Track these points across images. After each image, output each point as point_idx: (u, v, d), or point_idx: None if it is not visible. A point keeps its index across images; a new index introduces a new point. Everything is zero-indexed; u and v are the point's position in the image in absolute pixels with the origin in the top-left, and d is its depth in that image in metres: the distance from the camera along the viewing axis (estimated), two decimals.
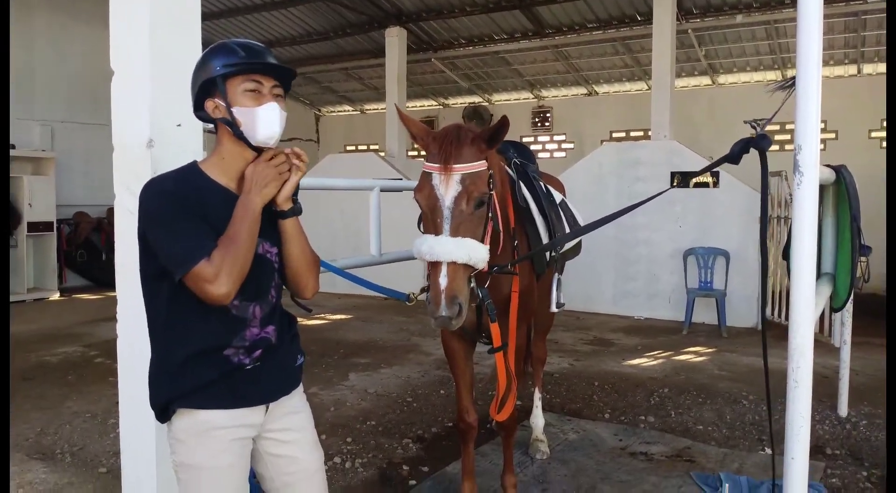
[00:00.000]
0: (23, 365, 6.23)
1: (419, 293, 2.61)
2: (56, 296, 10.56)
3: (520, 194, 3.13)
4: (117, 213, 2.54)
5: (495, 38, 12.33)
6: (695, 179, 8.51)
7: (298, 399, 1.99)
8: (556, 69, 13.24)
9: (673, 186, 3.01)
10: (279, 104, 1.81)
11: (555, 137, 14.51)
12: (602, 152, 9.51)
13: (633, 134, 13.21)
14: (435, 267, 2.30)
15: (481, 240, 2.38)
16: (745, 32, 10.94)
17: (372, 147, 15.74)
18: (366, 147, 16.33)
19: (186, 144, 2.47)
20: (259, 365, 1.83)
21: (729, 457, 4.08)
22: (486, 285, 2.63)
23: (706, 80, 12.75)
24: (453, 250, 2.28)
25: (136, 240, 1.79)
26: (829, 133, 11.51)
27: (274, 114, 1.79)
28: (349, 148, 16.84)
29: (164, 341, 1.81)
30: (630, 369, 6.28)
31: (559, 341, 7.39)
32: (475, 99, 14.97)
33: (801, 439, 1.73)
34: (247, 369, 1.81)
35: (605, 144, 11.23)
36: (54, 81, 11.45)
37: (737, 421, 4.76)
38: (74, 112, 11.59)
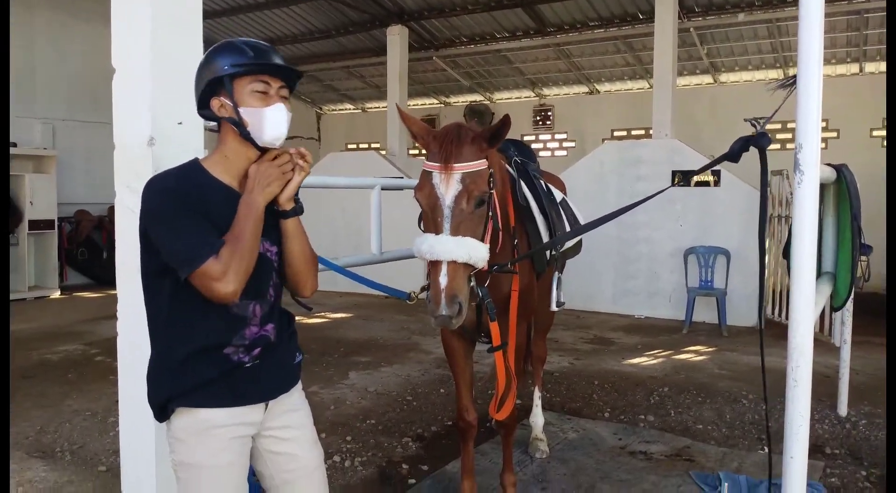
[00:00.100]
0: (23, 363, 6.24)
1: (420, 292, 2.61)
2: (57, 294, 10.57)
3: (520, 193, 3.13)
4: (118, 211, 2.55)
5: (497, 36, 12.33)
6: (696, 178, 8.50)
7: (297, 397, 1.99)
8: (558, 67, 13.24)
9: (673, 185, 3.01)
10: (285, 105, 1.82)
11: (556, 136, 14.51)
12: (603, 151, 9.51)
13: (634, 132, 13.21)
14: (435, 266, 2.30)
15: (481, 239, 2.38)
16: (746, 31, 10.93)
17: (373, 145, 15.75)
18: (367, 146, 16.33)
19: (187, 143, 2.47)
20: (258, 363, 1.84)
21: (728, 456, 4.08)
22: (486, 283, 2.63)
23: (708, 78, 12.74)
24: (453, 249, 2.28)
25: (136, 238, 1.79)
26: (830, 132, 11.50)
27: (282, 115, 1.80)
28: (350, 146, 16.84)
29: (164, 339, 1.80)
30: (630, 367, 6.28)
31: (559, 339, 7.39)
32: (476, 97, 14.97)
33: (800, 438, 1.73)
34: (246, 367, 1.82)
35: (606, 142, 11.22)
36: (55, 80, 11.44)
37: (736, 420, 4.77)
38: (75, 110, 11.59)
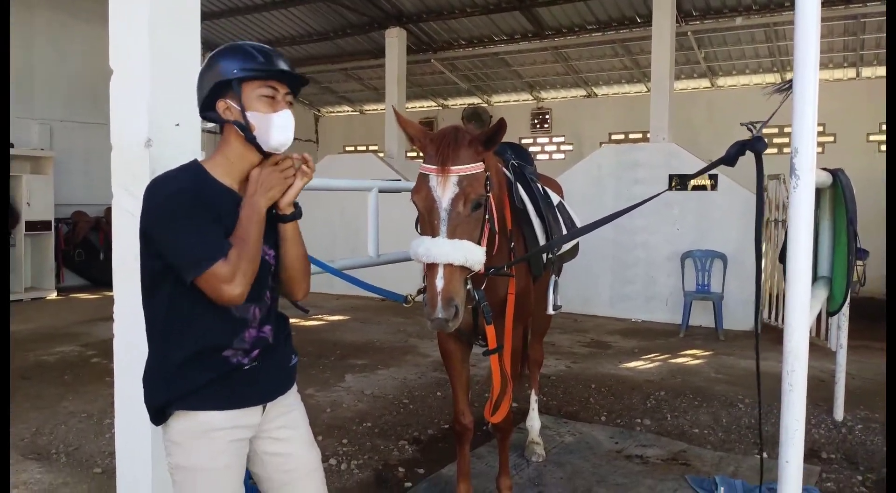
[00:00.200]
0: (20, 364, 6.22)
1: (416, 295, 2.61)
2: (53, 295, 10.55)
3: (517, 196, 3.13)
4: (115, 212, 2.54)
5: (495, 39, 12.35)
6: (693, 182, 8.52)
7: (293, 398, 2.00)
8: (556, 71, 13.26)
9: (670, 188, 3.01)
10: (292, 112, 1.83)
11: (554, 139, 14.54)
12: (601, 154, 9.53)
13: (631, 136, 13.24)
14: (431, 269, 2.30)
15: (478, 242, 2.39)
16: (744, 35, 10.97)
17: (371, 148, 15.76)
18: (365, 148, 16.34)
19: (185, 144, 2.47)
20: (257, 365, 1.84)
21: (724, 460, 4.08)
22: (482, 286, 2.63)
23: (705, 82, 12.77)
24: (450, 252, 2.28)
25: (133, 239, 1.78)
26: (827, 136, 11.53)
27: (289, 121, 1.80)
28: (348, 148, 16.85)
29: (162, 341, 1.79)
30: (627, 371, 6.28)
31: (556, 343, 7.39)
32: (474, 100, 14.99)
33: (795, 442, 1.73)
34: (245, 369, 1.81)
35: (603, 146, 11.25)
36: (54, 80, 11.44)
37: (733, 425, 4.77)
38: (74, 111, 11.58)
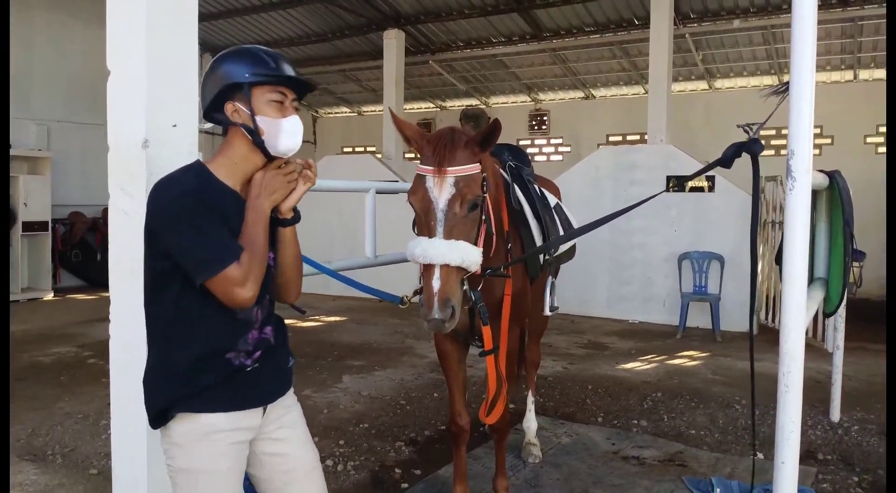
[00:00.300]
0: (16, 365, 6.20)
1: (412, 296, 2.61)
2: (50, 296, 10.53)
3: (514, 197, 3.13)
4: (111, 213, 2.53)
5: (493, 41, 12.37)
6: (690, 184, 8.53)
7: (290, 398, 2.00)
8: (554, 72, 13.27)
9: (667, 190, 3.02)
10: (298, 117, 1.84)
11: (552, 141, 14.55)
12: (599, 156, 9.54)
13: (629, 138, 13.25)
14: (428, 269, 2.30)
15: (475, 243, 2.39)
16: (741, 37, 10.99)
17: (369, 149, 15.76)
18: (363, 149, 16.35)
19: (182, 145, 2.46)
20: (258, 367, 1.84)
21: (721, 462, 4.08)
22: (479, 287, 2.63)
23: (703, 84, 12.79)
24: (446, 253, 2.28)
25: (130, 240, 1.78)
26: (824, 138, 11.55)
27: (298, 127, 1.81)
28: (346, 150, 16.84)
29: (165, 343, 1.78)
30: (624, 372, 6.29)
31: (553, 344, 7.39)
32: (472, 102, 14.99)
33: (790, 443, 1.73)
34: (247, 371, 1.81)
35: (601, 147, 11.27)
36: (52, 80, 11.43)
37: (729, 426, 4.77)
38: (71, 111, 11.56)
